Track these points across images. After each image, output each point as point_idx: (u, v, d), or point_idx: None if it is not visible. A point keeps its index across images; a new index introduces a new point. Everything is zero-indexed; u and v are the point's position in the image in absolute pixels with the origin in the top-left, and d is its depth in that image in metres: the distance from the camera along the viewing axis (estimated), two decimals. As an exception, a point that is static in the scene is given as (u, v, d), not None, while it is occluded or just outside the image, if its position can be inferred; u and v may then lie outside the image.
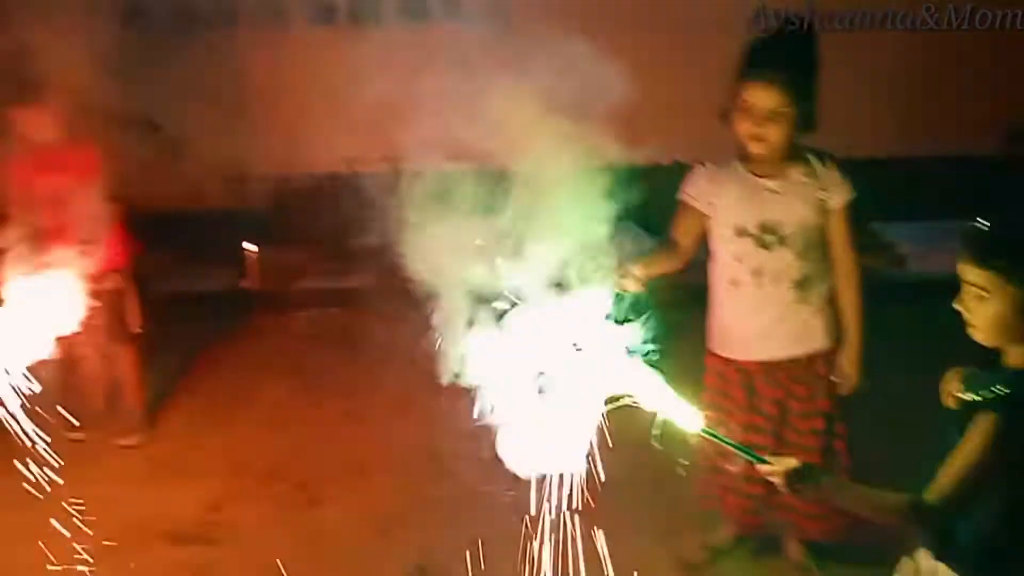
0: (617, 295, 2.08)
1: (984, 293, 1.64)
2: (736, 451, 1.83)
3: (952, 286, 1.71)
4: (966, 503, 1.67)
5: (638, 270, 2.20)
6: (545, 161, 1.96)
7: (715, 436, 1.81)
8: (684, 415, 1.83)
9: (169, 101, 4.68)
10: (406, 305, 3.69)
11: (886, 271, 4.65)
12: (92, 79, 3.39)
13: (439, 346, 2.00)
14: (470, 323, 1.96)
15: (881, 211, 4.87)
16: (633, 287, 2.19)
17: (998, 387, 1.64)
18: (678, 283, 4.38)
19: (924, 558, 1.80)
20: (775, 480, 1.72)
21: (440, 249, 2.00)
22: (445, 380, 2.03)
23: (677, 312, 3.51)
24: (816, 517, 2.55)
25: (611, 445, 1.98)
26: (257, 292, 4.85)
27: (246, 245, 4.81)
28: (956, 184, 4.66)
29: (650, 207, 2.36)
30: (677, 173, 2.57)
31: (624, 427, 2.18)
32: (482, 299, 1.95)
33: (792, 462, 1.69)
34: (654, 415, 1.88)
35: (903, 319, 3.75)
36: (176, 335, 4.27)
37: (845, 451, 2.55)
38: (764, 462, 1.73)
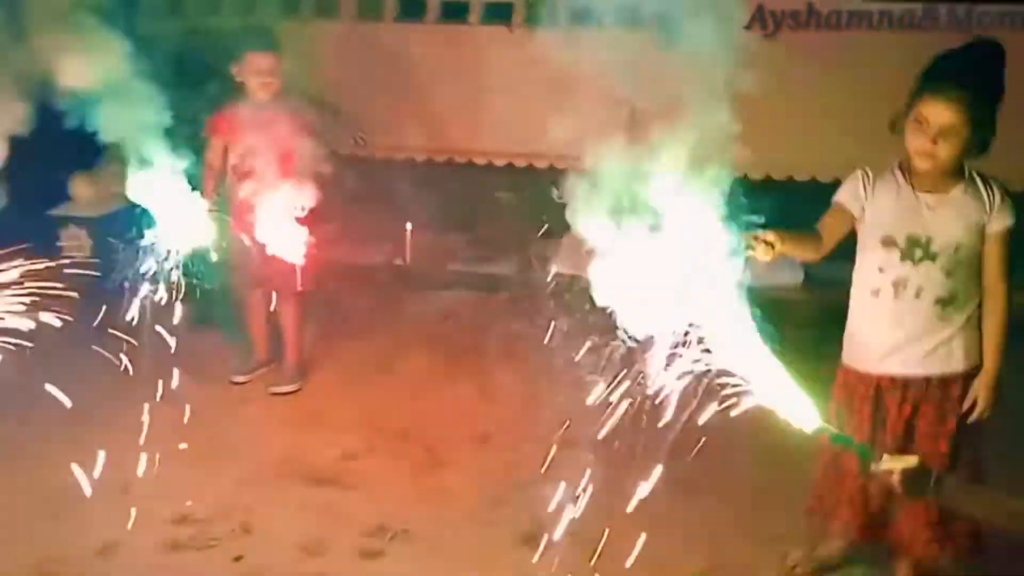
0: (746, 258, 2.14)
1: None
2: (852, 448, 1.83)
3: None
4: None
5: (772, 237, 2.23)
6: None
7: (831, 433, 1.81)
8: (801, 408, 1.84)
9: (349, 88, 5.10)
10: (545, 296, 3.86)
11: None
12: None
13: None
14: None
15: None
16: (763, 254, 2.22)
17: None
18: (815, 300, 4.35)
19: None
20: (892, 479, 1.71)
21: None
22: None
23: (814, 329, 3.52)
24: (934, 540, 2.47)
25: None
26: (411, 269, 5.16)
27: (407, 225, 5.13)
28: None
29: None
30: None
31: (742, 429, 2.22)
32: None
33: (912, 460, 1.67)
34: (772, 413, 1.90)
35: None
36: (336, 300, 4.60)
37: (970, 479, 2.46)
38: (880, 461, 1.73)
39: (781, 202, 2.39)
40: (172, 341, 3.34)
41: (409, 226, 5.13)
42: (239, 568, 2.85)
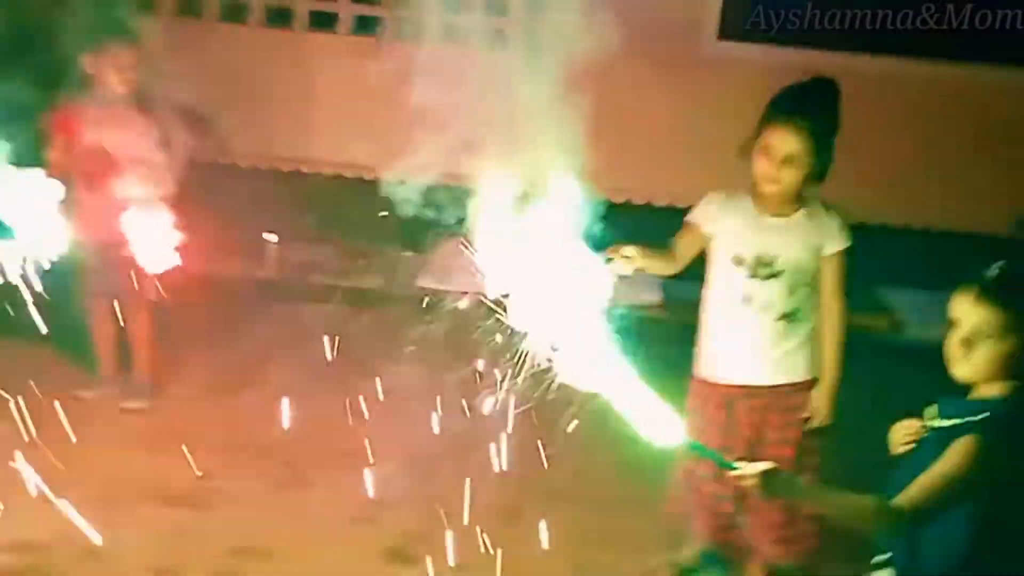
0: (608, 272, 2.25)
1: (993, 332, 1.73)
2: (709, 458, 1.93)
3: (936, 353, 1.83)
4: (933, 517, 1.76)
5: (631, 250, 2.35)
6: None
7: (695, 447, 1.91)
8: (664, 421, 1.93)
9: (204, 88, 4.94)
10: (412, 309, 3.86)
11: (881, 332, 4.77)
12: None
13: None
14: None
15: (887, 276, 5.02)
16: (623, 266, 2.34)
17: (979, 414, 1.75)
18: (674, 319, 4.57)
19: None
20: (748, 483, 1.82)
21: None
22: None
23: (673, 346, 3.68)
24: (780, 540, 2.64)
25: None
26: (274, 281, 5.03)
27: (266, 235, 5.00)
28: (962, 260, 4.78)
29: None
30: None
31: (602, 436, 2.29)
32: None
33: (765, 465, 1.79)
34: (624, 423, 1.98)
35: (891, 376, 3.84)
36: (192, 313, 4.41)
37: (812, 481, 2.64)
38: (735, 468, 1.84)
39: (640, 225, 2.52)
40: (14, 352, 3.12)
41: (274, 237, 5.00)
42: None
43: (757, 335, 2.60)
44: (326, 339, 4.45)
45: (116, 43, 3.43)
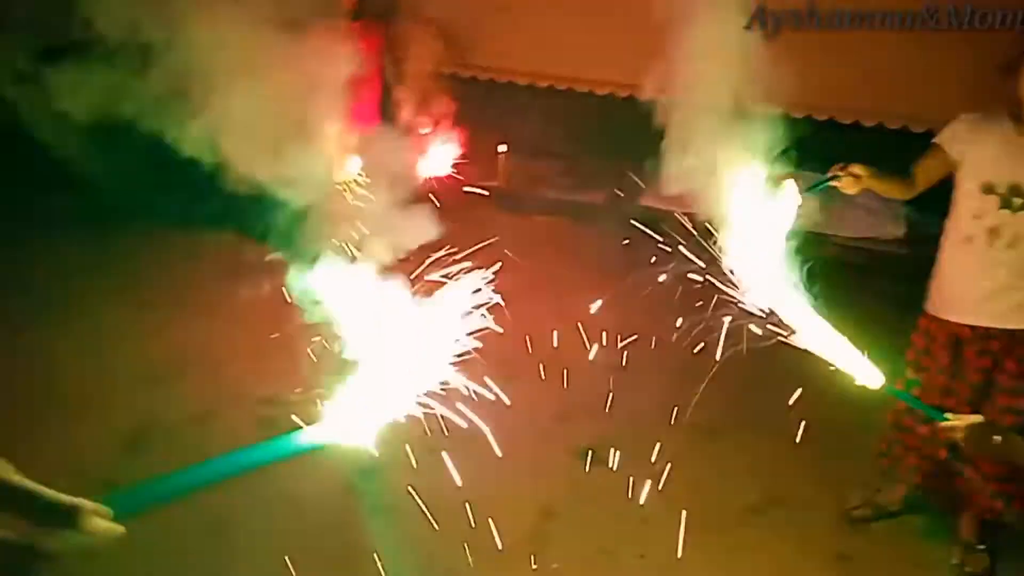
0: (825, 182, 2.14)
1: None
2: (915, 406, 1.79)
3: None
4: None
5: (859, 170, 2.21)
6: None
7: (895, 392, 1.79)
8: (864, 370, 1.83)
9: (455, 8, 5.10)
10: (627, 226, 3.84)
11: None
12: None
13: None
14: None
15: None
16: (849, 186, 2.21)
17: None
18: (916, 254, 4.20)
19: None
20: (957, 436, 1.69)
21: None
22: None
23: (914, 283, 3.42)
24: (1000, 495, 2.41)
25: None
26: (503, 192, 5.21)
27: (500, 147, 5.16)
28: None
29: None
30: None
31: (816, 374, 2.20)
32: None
33: (976, 419, 1.65)
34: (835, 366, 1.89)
35: None
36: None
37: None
38: (945, 419, 1.71)
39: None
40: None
41: (503, 148, 5.16)
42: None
43: (1001, 273, 2.33)
44: (544, 250, 4.60)
45: None
